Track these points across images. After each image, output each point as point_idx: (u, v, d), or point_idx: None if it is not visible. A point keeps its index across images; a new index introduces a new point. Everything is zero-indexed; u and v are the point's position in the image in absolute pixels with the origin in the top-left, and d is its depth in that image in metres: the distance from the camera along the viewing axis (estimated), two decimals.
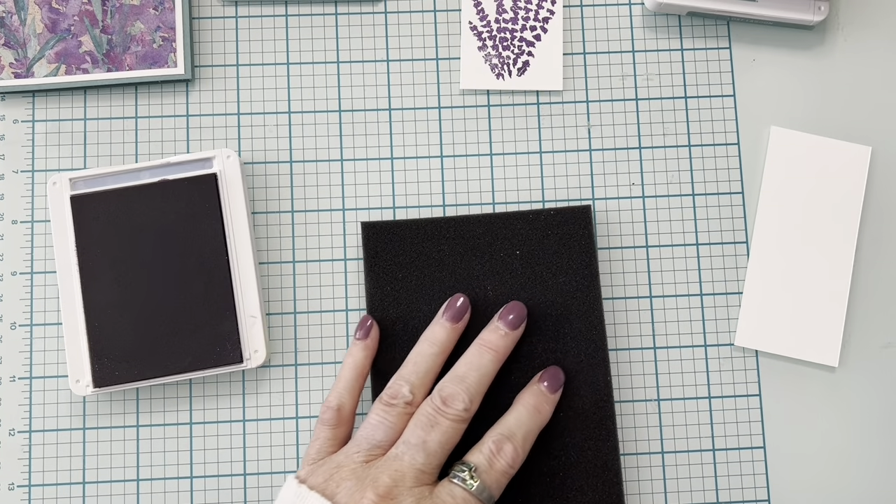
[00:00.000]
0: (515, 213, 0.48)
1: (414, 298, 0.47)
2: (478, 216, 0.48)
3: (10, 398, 0.48)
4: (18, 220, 0.49)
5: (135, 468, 0.47)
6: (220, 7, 0.52)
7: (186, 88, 0.51)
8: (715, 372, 0.49)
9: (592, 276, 0.47)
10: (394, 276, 0.47)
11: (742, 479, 0.48)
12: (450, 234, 0.48)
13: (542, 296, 0.47)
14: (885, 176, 0.51)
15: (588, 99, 0.51)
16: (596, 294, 0.47)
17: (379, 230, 0.48)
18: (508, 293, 0.47)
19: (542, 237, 0.48)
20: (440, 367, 0.44)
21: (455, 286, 0.47)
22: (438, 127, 0.51)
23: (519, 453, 0.42)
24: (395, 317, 0.47)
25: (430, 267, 0.47)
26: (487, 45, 0.51)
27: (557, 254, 0.47)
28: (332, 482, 0.40)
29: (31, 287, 0.49)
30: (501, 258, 0.47)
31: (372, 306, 0.47)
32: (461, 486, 0.40)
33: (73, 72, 0.50)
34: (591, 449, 0.46)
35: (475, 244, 0.48)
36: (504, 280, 0.47)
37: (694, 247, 0.50)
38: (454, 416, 0.42)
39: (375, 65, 0.51)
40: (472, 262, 0.47)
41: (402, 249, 0.48)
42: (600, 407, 0.46)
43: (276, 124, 0.51)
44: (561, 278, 0.47)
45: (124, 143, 0.50)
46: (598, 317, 0.47)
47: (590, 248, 0.47)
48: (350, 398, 0.44)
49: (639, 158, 0.51)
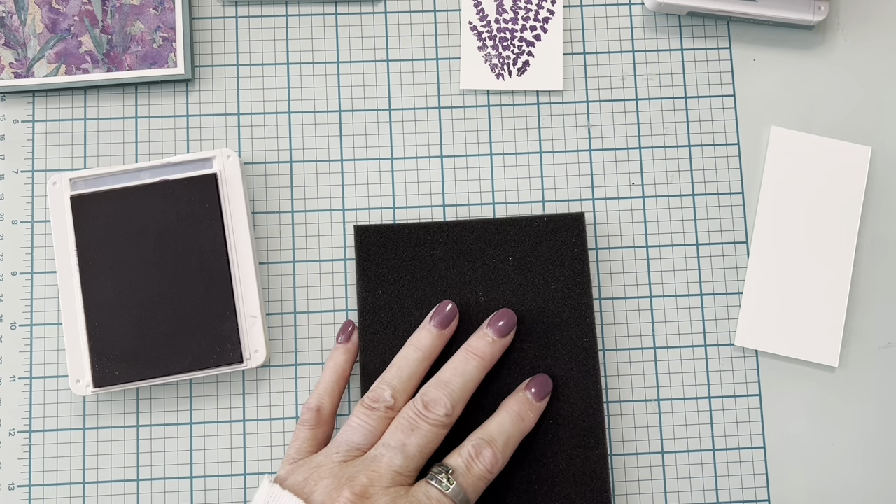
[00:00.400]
0: (508, 219, 0.48)
1: (405, 302, 0.47)
2: (471, 221, 0.48)
3: (10, 398, 0.48)
4: (18, 220, 0.49)
5: (135, 468, 0.47)
6: (220, 7, 0.52)
7: (186, 88, 0.51)
8: (715, 372, 0.49)
9: (584, 284, 0.47)
10: (385, 279, 0.47)
11: (742, 479, 0.48)
12: (442, 239, 0.48)
13: (534, 302, 0.47)
14: (885, 176, 0.51)
15: (588, 99, 0.51)
16: (588, 301, 0.47)
17: (372, 234, 0.48)
18: (500, 299, 0.47)
19: (534, 243, 0.48)
20: (424, 372, 0.44)
21: (447, 291, 0.47)
22: (438, 127, 0.51)
23: (498, 459, 0.42)
24: (385, 320, 0.47)
25: (422, 271, 0.47)
26: (487, 45, 0.51)
27: (550, 260, 0.47)
28: (310, 481, 0.41)
29: (31, 287, 0.49)
30: (494, 264, 0.47)
31: (363, 310, 0.47)
32: (437, 487, 0.41)
33: (73, 72, 0.50)
34: (580, 457, 0.45)
35: (468, 249, 0.48)
36: (496, 286, 0.47)
37: (694, 247, 0.50)
38: (435, 420, 0.42)
39: (375, 65, 0.51)
40: (465, 268, 0.47)
41: (395, 253, 0.47)
42: (590, 415, 0.46)
43: (276, 124, 0.50)
44: (553, 285, 0.47)
45: (124, 143, 0.50)
46: (589, 324, 0.47)
47: (582, 256, 0.47)
48: (330, 400, 0.45)
49: (639, 158, 0.51)
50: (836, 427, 0.48)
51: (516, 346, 0.46)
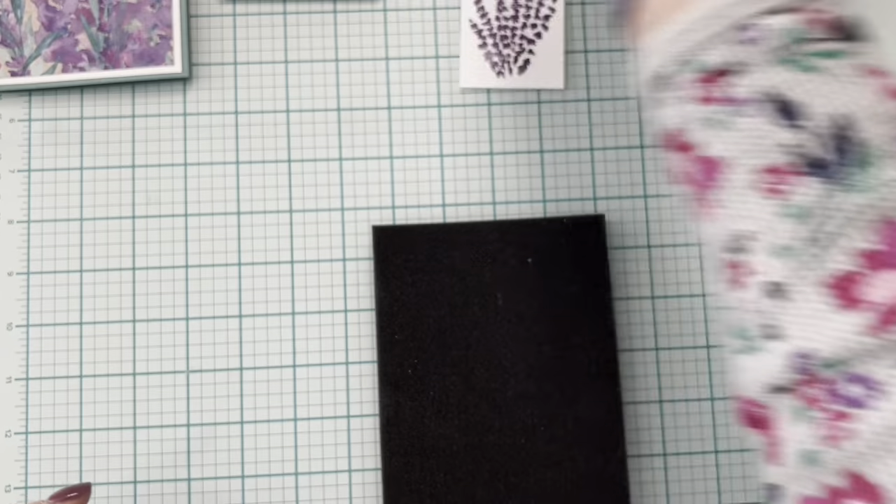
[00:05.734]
0: (528, 221, 0.48)
1: (423, 303, 0.47)
2: (490, 223, 0.48)
3: (6, 400, 0.47)
4: (15, 220, 0.49)
5: (132, 470, 0.47)
6: (217, 5, 0.51)
7: (184, 87, 0.50)
8: (718, 373, 0.48)
9: (604, 286, 0.47)
10: (403, 280, 0.47)
11: (745, 480, 0.47)
12: (461, 240, 0.47)
13: (553, 304, 0.47)
14: None
15: (590, 97, 0.51)
16: (608, 304, 0.46)
17: (390, 234, 0.47)
18: (518, 301, 0.47)
19: (554, 245, 0.47)
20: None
21: (465, 292, 0.47)
22: (438, 126, 0.50)
23: None
24: (403, 321, 0.46)
25: (440, 272, 0.47)
26: (488, 43, 0.51)
27: (569, 263, 0.47)
28: None
29: (27, 287, 0.48)
30: (513, 266, 0.47)
31: (381, 310, 0.47)
32: None
33: (70, 70, 0.49)
34: (599, 460, 0.45)
35: (486, 251, 0.47)
36: (514, 288, 0.47)
37: (696, 246, 0.49)
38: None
39: (374, 63, 0.51)
40: (483, 269, 0.47)
41: (413, 254, 0.47)
42: (609, 418, 0.46)
43: (274, 123, 0.50)
44: (572, 287, 0.47)
45: (121, 143, 0.50)
46: (609, 327, 0.46)
47: (602, 258, 0.47)
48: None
49: (640, 157, 0.50)
50: None
51: (535, 349, 0.46)
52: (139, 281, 0.49)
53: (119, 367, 0.48)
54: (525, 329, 0.46)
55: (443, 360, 0.46)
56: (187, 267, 0.49)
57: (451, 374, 0.46)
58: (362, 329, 0.48)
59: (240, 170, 0.50)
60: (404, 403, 0.46)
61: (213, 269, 0.49)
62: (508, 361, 0.46)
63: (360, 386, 0.48)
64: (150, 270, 0.49)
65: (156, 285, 0.49)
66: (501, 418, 0.44)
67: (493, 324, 0.46)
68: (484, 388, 0.46)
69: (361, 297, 0.48)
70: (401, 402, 0.46)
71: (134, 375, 0.48)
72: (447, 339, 0.46)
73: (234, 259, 0.49)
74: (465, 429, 0.45)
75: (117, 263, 0.49)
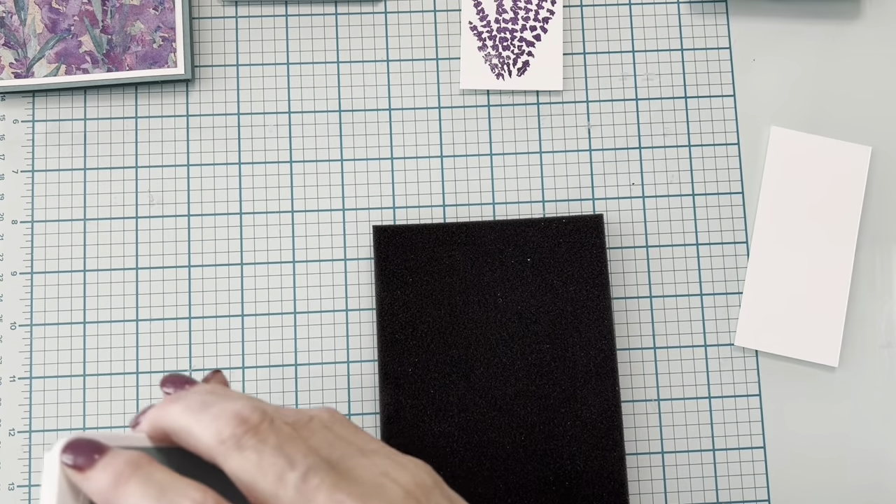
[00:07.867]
0: (527, 220, 0.48)
1: (423, 303, 0.47)
2: (490, 222, 0.48)
3: (9, 398, 0.48)
4: (18, 220, 0.49)
5: None
6: (220, 7, 0.52)
7: (186, 88, 0.51)
8: (715, 372, 0.49)
9: (603, 286, 0.47)
10: (404, 280, 0.47)
11: (742, 479, 0.48)
12: (461, 240, 0.48)
13: (552, 303, 0.47)
14: (885, 176, 0.51)
15: (588, 99, 0.51)
16: (606, 303, 0.47)
17: (390, 234, 0.48)
18: (518, 300, 0.47)
19: (553, 245, 0.48)
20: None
21: (465, 292, 0.47)
22: (438, 127, 0.51)
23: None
24: (404, 321, 0.47)
25: (440, 272, 0.47)
26: (487, 45, 0.51)
27: (568, 262, 0.47)
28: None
29: (31, 287, 0.49)
30: (512, 265, 0.47)
31: (381, 310, 0.47)
32: None
33: (73, 72, 0.50)
34: (598, 458, 0.46)
35: (486, 250, 0.48)
36: (514, 287, 0.47)
37: (694, 247, 0.50)
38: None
39: (375, 65, 0.51)
40: (483, 269, 0.47)
41: (413, 254, 0.47)
42: (608, 416, 0.46)
43: (276, 124, 0.50)
44: (571, 287, 0.47)
45: (124, 144, 0.50)
46: (608, 326, 0.47)
47: (601, 257, 0.47)
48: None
49: (639, 158, 0.51)
50: (836, 427, 0.48)
51: (534, 347, 0.46)
52: (142, 280, 0.49)
53: (122, 367, 0.48)
54: (524, 328, 0.47)
55: (443, 360, 0.46)
56: (189, 267, 0.49)
57: (451, 374, 0.46)
58: (363, 328, 0.49)
59: (242, 170, 0.50)
60: (405, 402, 0.46)
61: (216, 268, 0.49)
62: (508, 361, 0.47)
63: (360, 384, 0.48)
64: (153, 270, 0.49)
65: (158, 285, 0.49)
66: (501, 417, 0.45)
67: (493, 323, 0.47)
68: (484, 388, 0.46)
69: (362, 296, 0.49)
70: (401, 401, 0.46)
71: (137, 375, 0.48)
72: (447, 339, 0.47)
73: (235, 259, 0.49)
74: (466, 427, 0.46)
75: (120, 263, 0.49)
